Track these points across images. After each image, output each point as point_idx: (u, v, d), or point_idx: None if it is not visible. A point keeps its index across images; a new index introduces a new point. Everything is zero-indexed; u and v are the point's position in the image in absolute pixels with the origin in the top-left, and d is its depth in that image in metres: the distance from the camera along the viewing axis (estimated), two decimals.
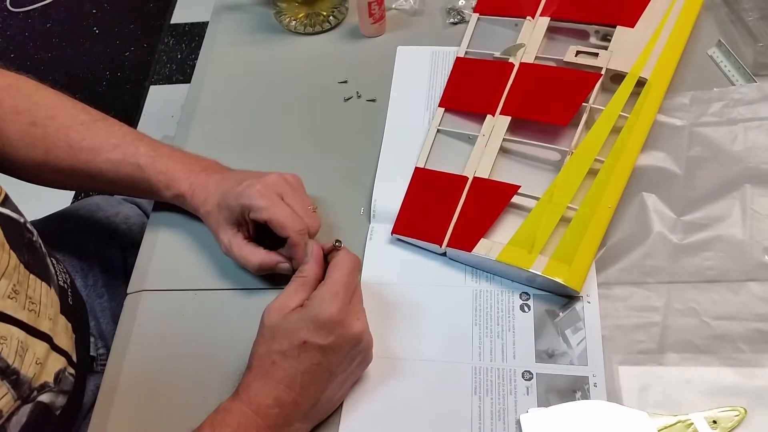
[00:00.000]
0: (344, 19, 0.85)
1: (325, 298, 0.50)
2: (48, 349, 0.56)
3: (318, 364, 0.49)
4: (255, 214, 0.57)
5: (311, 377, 0.49)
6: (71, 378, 0.58)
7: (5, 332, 0.50)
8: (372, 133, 0.72)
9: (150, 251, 0.65)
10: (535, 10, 0.76)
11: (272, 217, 0.56)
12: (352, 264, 0.52)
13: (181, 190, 0.62)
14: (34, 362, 0.53)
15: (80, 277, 0.73)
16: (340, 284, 0.50)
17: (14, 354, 0.51)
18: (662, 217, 0.61)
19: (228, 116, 0.77)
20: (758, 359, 0.54)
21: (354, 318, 0.50)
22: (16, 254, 0.53)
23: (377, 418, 0.53)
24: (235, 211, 0.58)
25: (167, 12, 2.13)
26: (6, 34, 2.10)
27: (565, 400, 0.53)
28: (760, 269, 0.58)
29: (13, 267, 0.52)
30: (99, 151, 0.62)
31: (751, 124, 0.66)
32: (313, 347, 0.49)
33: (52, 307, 0.58)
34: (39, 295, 0.56)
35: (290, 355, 0.49)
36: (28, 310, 0.54)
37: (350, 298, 0.51)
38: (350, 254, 0.53)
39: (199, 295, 0.62)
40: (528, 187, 0.63)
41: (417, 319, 0.58)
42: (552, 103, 0.68)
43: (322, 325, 0.49)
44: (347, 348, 0.50)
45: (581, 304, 0.58)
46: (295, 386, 0.49)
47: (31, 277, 0.55)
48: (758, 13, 0.74)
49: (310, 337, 0.49)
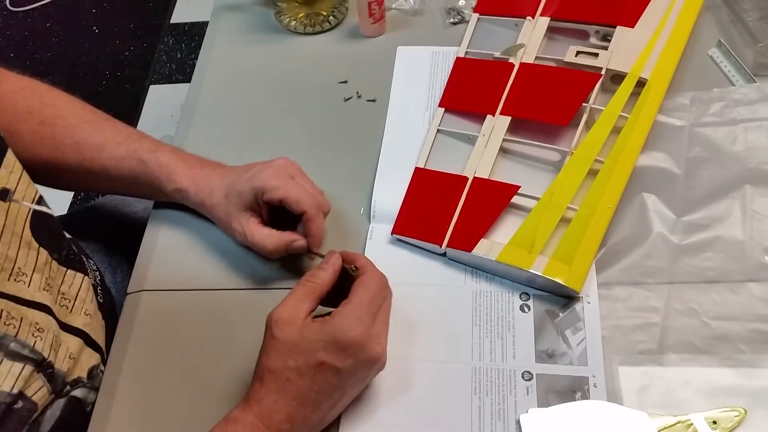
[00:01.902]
0: (344, 19, 0.85)
1: (348, 319, 0.48)
2: (82, 345, 0.56)
3: (333, 385, 0.49)
4: (269, 194, 0.57)
5: (324, 396, 0.49)
6: (102, 375, 0.59)
7: (44, 322, 0.51)
8: (372, 133, 0.72)
9: (150, 251, 0.65)
10: (535, 10, 0.76)
11: (287, 194, 0.57)
12: (379, 285, 0.52)
13: (183, 185, 0.62)
14: (68, 357, 0.54)
15: (109, 273, 0.73)
16: (365, 306, 0.49)
17: (49, 348, 0.51)
18: (662, 217, 0.61)
19: (228, 116, 0.77)
20: (758, 359, 0.54)
21: (375, 342, 0.49)
22: (47, 251, 0.54)
23: (377, 419, 0.53)
24: (247, 196, 0.58)
25: (167, 11, 2.13)
26: (6, 33, 2.10)
27: (564, 401, 0.53)
28: (760, 269, 0.58)
29: (43, 263, 0.53)
30: (103, 148, 0.63)
31: (751, 125, 0.66)
32: (330, 369, 0.48)
33: (90, 302, 0.59)
34: (76, 289, 0.57)
35: (305, 374, 0.48)
36: (60, 305, 0.55)
37: (374, 320, 0.50)
38: (377, 274, 0.52)
39: (199, 295, 0.62)
40: (528, 187, 0.63)
41: (417, 319, 0.58)
42: (552, 103, 0.68)
43: (342, 347, 0.48)
44: (364, 371, 0.50)
45: (581, 305, 0.58)
46: (307, 404, 0.49)
47: (68, 272, 0.57)
48: (758, 13, 0.74)
49: (328, 358, 0.48)
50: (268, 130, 0.74)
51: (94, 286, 0.63)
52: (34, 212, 0.54)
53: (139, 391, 0.57)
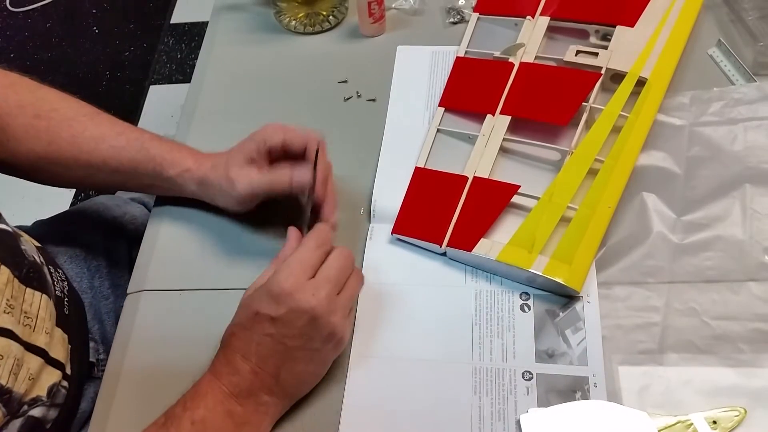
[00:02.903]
0: (344, 19, 0.85)
1: (280, 270, 0.50)
2: (42, 363, 0.56)
3: (269, 335, 0.50)
4: (271, 139, 0.59)
5: (266, 349, 0.50)
6: (64, 391, 0.58)
7: (4, 349, 0.51)
8: (372, 133, 0.72)
9: (150, 251, 0.65)
10: (535, 9, 0.76)
11: (288, 134, 0.59)
12: (318, 241, 0.52)
13: (186, 164, 0.62)
14: (27, 378, 0.53)
15: (87, 279, 0.73)
16: (297, 259, 0.51)
17: (8, 374, 0.51)
18: (662, 217, 0.61)
19: (228, 116, 0.77)
20: (758, 359, 0.54)
21: (308, 293, 0.49)
22: (9, 269, 0.53)
23: (377, 418, 0.53)
24: (248, 146, 0.59)
25: (167, 12, 2.13)
26: (6, 34, 2.10)
27: (565, 400, 0.53)
28: (760, 269, 0.58)
29: (4, 282, 0.52)
30: (103, 139, 0.63)
31: (751, 124, 0.66)
32: (264, 318, 0.50)
33: (49, 320, 0.58)
34: (36, 308, 0.56)
35: (246, 326, 0.51)
36: (23, 324, 0.54)
37: (309, 274, 0.50)
38: (317, 233, 0.53)
39: (199, 295, 0.62)
40: (528, 187, 0.63)
41: (417, 319, 0.58)
42: (552, 103, 0.68)
43: (273, 296, 0.49)
44: (299, 323, 0.49)
45: (581, 304, 0.58)
46: (250, 356, 0.50)
47: (27, 291, 0.56)
48: (758, 13, 0.74)
49: (261, 308, 0.50)
50: None
51: (60, 298, 0.62)
52: None
53: (139, 390, 0.57)
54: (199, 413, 0.49)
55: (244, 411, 0.50)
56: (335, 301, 0.51)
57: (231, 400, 0.50)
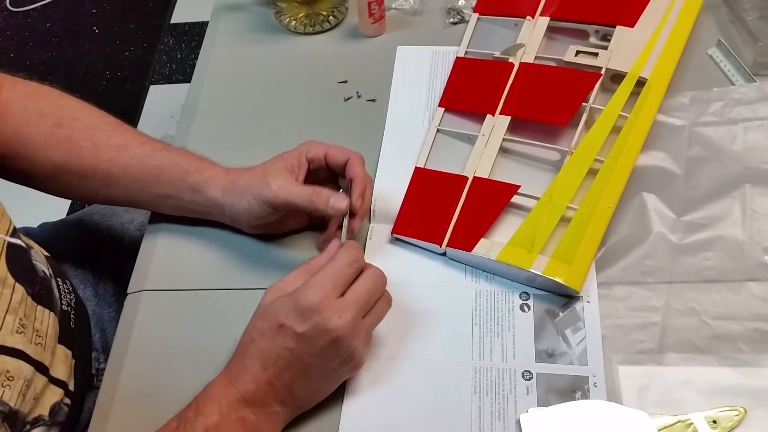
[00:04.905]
0: (344, 19, 0.85)
1: (312, 287, 0.50)
2: (46, 383, 0.55)
3: (290, 349, 0.49)
4: (312, 151, 0.59)
5: (284, 362, 0.50)
6: (66, 408, 0.58)
7: (15, 369, 0.50)
8: (372, 133, 0.72)
9: (150, 251, 0.65)
10: (535, 9, 0.76)
11: (330, 148, 0.60)
12: (350, 259, 0.52)
13: (214, 171, 0.61)
14: (33, 398, 0.53)
15: (91, 286, 0.73)
16: (330, 274, 0.50)
17: (17, 395, 0.50)
18: (662, 217, 0.61)
19: (228, 116, 0.77)
20: (758, 359, 0.54)
21: (335, 313, 0.49)
22: (24, 287, 0.53)
23: (377, 418, 0.53)
24: (290, 156, 0.60)
25: (167, 12, 2.13)
26: (6, 34, 2.10)
27: (565, 400, 0.53)
28: (760, 269, 0.58)
29: (18, 301, 0.52)
30: (126, 148, 0.62)
31: (751, 124, 0.66)
32: (288, 332, 0.49)
33: (53, 338, 0.58)
34: (46, 326, 0.56)
35: (267, 335, 0.50)
36: (35, 343, 0.54)
37: (340, 291, 0.50)
38: (351, 249, 0.52)
39: (199, 295, 0.62)
40: (528, 187, 0.63)
41: (417, 319, 0.58)
42: (552, 103, 0.68)
43: (300, 311, 0.49)
44: (321, 342, 0.49)
45: (581, 304, 0.58)
46: (269, 367, 0.50)
47: (38, 309, 0.55)
48: (758, 13, 0.74)
49: (287, 321, 0.49)
50: (268, 130, 0.75)
51: (66, 312, 0.62)
52: (9, 245, 0.53)
53: (139, 391, 0.57)
54: (212, 419, 0.48)
55: (257, 419, 0.50)
56: (360, 324, 0.51)
57: (244, 407, 0.50)
